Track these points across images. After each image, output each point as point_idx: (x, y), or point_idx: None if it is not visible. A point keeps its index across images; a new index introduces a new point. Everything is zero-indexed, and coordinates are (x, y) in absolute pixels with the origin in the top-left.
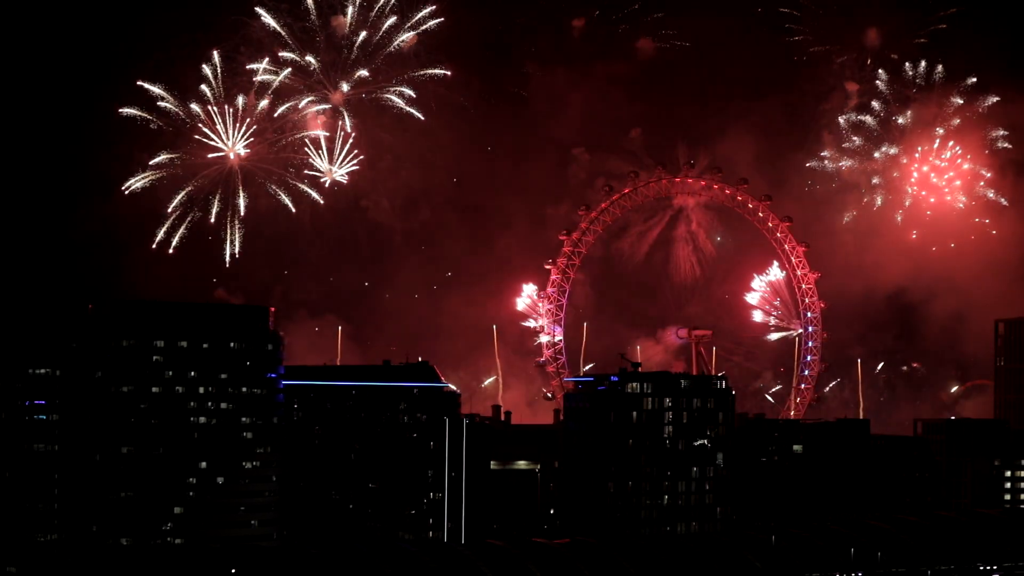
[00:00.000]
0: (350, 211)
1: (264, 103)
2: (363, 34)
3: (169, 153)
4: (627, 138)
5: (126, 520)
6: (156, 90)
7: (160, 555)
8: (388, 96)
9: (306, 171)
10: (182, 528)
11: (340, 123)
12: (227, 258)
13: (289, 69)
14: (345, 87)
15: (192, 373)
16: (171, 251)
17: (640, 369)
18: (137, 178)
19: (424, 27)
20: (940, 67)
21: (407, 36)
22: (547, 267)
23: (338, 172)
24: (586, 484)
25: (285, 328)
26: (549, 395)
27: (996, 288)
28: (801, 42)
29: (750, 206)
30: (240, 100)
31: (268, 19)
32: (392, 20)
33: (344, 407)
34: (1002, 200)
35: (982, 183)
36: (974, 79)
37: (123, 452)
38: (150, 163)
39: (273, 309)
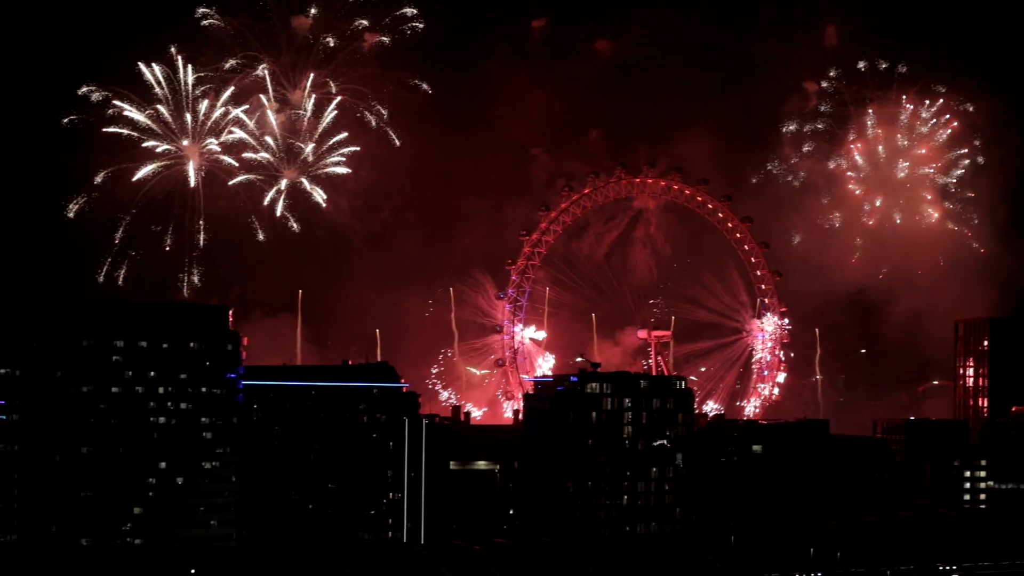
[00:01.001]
0: (309, 211)
1: (223, 105)
2: (325, 35)
3: (115, 165)
4: (586, 139)
5: (86, 520)
6: (102, 93)
7: (120, 555)
8: (353, 101)
9: (262, 174)
10: (142, 528)
11: (299, 123)
12: (185, 291)
13: (266, 69)
14: (306, 88)
15: (152, 373)
16: (120, 283)
17: (599, 369)
18: (77, 202)
19: (392, 29)
20: (902, 69)
21: (369, 37)
22: (507, 267)
23: (301, 176)
24: (546, 484)
25: (242, 327)
26: (501, 395)
27: (955, 289)
28: (761, 42)
29: (710, 207)
30: (203, 104)
31: (216, 20)
32: (356, 22)
33: (303, 407)
34: (973, 220)
35: (947, 183)
36: (941, 88)
37: (83, 452)
38: (95, 181)
39: (232, 309)
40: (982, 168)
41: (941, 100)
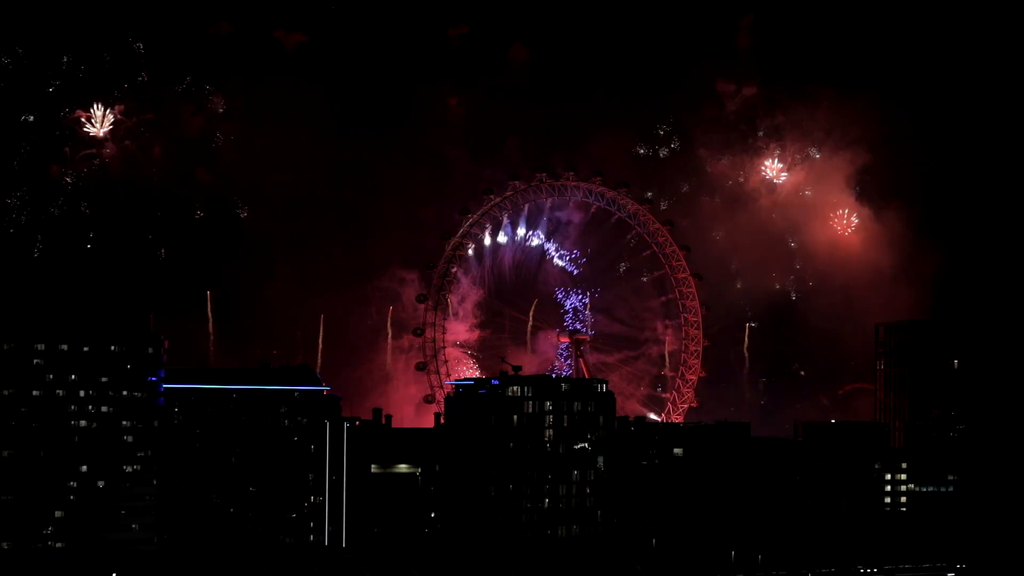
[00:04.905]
0: (227, 213)
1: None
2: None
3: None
4: (506, 146)
5: (7, 524)
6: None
7: (41, 559)
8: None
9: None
10: (63, 532)
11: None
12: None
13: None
14: (224, 93)
15: (73, 376)
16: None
17: (520, 373)
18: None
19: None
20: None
21: (290, 41)
22: (427, 270)
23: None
24: (467, 487)
25: (155, 329)
26: (431, 397)
27: (876, 292)
28: (676, 43)
29: (631, 210)
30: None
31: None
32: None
33: (225, 410)
34: (891, 221)
35: (858, 187)
36: (852, 90)
37: (3, 456)
38: None
39: (152, 312)
40: (899, 170)
41: (856, 100)
